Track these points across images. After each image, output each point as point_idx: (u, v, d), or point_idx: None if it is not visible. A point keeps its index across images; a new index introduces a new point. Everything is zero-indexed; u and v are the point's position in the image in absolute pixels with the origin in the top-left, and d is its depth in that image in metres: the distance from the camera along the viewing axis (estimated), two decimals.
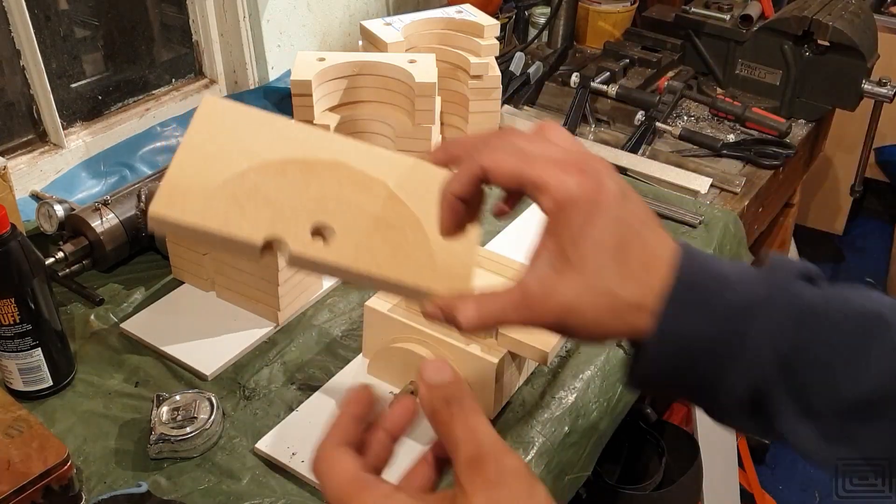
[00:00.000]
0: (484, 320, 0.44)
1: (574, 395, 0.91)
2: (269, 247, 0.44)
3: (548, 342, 0.81)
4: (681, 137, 1.42)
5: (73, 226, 1.04)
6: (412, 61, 1.11)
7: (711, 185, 1.31)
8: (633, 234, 0.43)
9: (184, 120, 1.39)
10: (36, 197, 1.18)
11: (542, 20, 1.71)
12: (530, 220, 1.19)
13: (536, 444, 0.85)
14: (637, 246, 0.43)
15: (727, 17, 1.58)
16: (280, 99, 1.47)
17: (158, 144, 1.34)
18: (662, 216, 1.17)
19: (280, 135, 0.47)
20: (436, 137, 1.15)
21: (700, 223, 1.20)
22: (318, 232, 0.45)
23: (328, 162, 0.46)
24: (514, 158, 0.43)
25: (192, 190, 0.43)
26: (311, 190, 0.45)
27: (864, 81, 1.44)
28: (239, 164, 0.44)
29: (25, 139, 1.25)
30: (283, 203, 0.44)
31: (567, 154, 0.44)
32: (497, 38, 1.25)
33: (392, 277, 0.45)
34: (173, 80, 1.44)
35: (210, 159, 0.44)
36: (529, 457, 0.84)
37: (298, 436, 0.84)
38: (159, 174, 1.13)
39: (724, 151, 1.40)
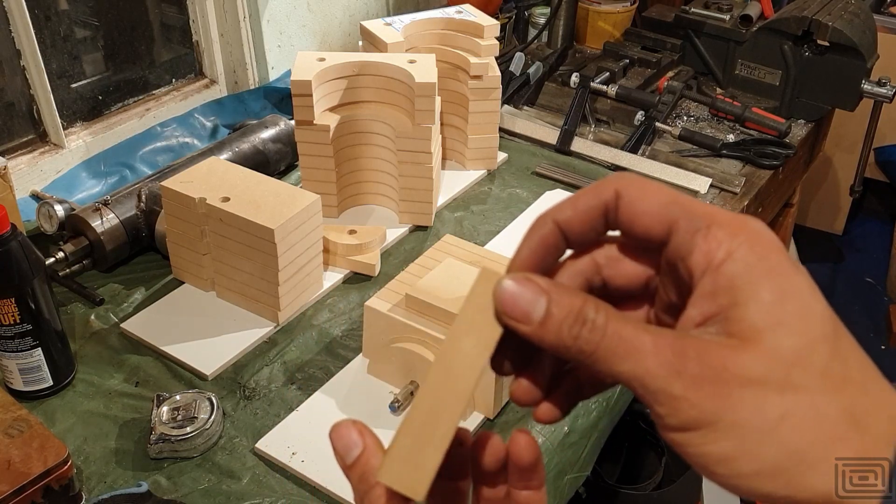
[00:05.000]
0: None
1: None
2: None
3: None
4: (680, 137, 1.42)
5: (74, 226, 1.04)
6: (412, 61, 1.11)
7: (711, 185, 1.31)
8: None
9: (184, 120, 1.39)
10: (36, 197, 1.18)
11: (542, 20, 1.71)
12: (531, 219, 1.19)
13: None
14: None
15: (727, 17, 1.58)
16: (280, 99, 1.47)
17: (159, 144, 1.34)
18: None
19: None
20: (436, 137, 1.15)
21: None
22: None
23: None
24: (665, 191, 0.33)
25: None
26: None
27: (863, 81, 1.45)
28: None
29: (26, 139, 1.25)
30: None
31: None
32: (497, 39, 1.25)
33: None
34: (173, 80, 1.44)
35: None
36: None
37: (298, 435, 0.84)
38: (160, 174, 1.13)
39: (724, 151, 1.40)
